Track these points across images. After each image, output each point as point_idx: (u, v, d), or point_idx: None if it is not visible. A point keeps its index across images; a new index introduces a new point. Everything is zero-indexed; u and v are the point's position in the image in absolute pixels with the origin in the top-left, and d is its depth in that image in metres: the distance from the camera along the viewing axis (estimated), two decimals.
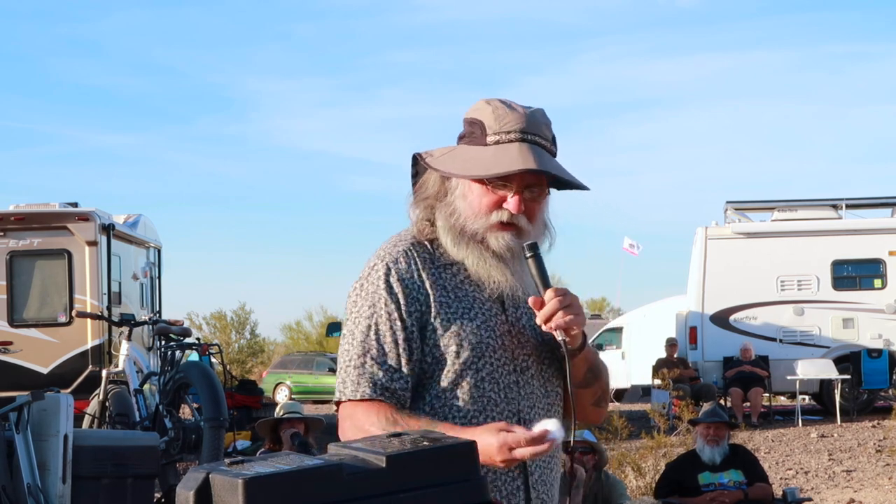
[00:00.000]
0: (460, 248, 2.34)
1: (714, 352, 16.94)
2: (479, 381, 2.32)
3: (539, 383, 2.39)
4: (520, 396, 2.35)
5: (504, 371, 2.34)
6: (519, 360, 2.37)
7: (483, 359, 2.32)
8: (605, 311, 35.89)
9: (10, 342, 13.67)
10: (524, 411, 2.35)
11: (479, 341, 2.32)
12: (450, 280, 2.36)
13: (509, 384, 2.34)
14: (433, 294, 2.33)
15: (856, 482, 10.98)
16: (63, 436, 6.26)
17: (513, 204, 2.33)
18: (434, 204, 2.39)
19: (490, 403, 2.32)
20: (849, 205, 17.78)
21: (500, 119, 2.35)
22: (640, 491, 9.17)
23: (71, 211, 13.91)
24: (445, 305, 2.33)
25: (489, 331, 2.34)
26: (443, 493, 1.84)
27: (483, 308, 2.36)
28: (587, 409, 2.47)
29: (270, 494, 1.73)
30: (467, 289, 2.36)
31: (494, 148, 2.32)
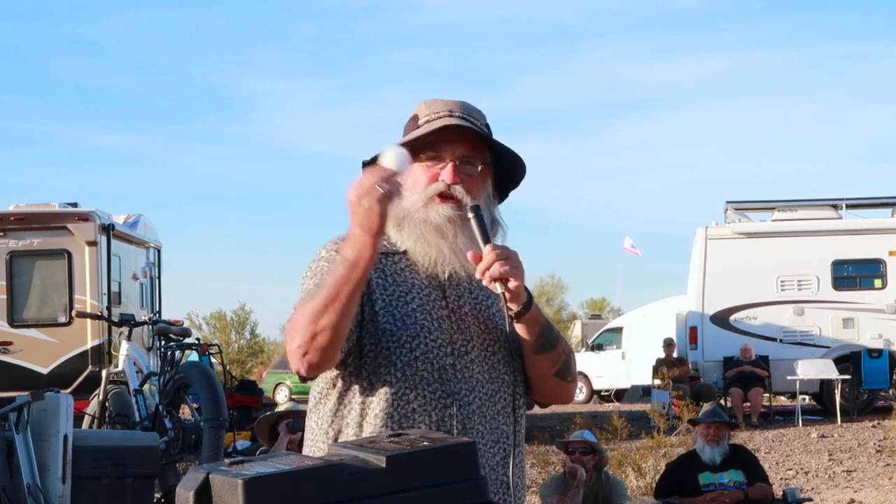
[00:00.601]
0: (402, 232, 2.44)
1: (714, 352, 16.93)
2: (413, 360, 2.38)
3: (482, 368, 2.42)
4: (456, 379, 2.39)
5: (440, 353, 2.39)
6: (457, 345, 2.41)
7: (417, 339, 2.39)
8: (605, 311, 35.90)
9: (9, 342, 13.66)
10: (461, 394, 2.39)
11: (413, 322, 2.40)
12: (391, 266, 2.46)
13: (444, 366, 2.39)
14: (374, 277, 2.41)
15: (856, 482, 10.98)
16: (63, 436, 6.27)
17: (447, 173, 2.43)
18: None
19: (423, 382, 2.37)
20: (849, 205, 17.78)
21: (430, 106, 2.49)
22: (641, 491, 9.17)
23: (71, 211, 13.91)
24: (383, 287, 2.42)
25: (425, 313, 2.41)
26: (443, 493, 1.84)
27: (422, 293, 2.44)
28: (548, 378, 2.50)
29: (270, 494, 1.73)
30: (407, 275, 2.45)
31: (425, 126, 2.45)
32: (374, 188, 2.22)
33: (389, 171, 2.26)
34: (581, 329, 31.29)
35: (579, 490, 6.78)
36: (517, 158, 2.50)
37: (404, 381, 2.38)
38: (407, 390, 2.38)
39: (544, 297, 33.72)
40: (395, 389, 2.38)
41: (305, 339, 2.27)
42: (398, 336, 2.39)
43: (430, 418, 2.37)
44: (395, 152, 2.29)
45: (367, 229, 2.24)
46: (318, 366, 2.31)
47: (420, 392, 2.38)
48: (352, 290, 2.26)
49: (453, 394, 2.39)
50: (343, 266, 2.26)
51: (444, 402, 2.38)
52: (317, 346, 2.27)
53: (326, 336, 2.26)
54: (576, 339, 31.21)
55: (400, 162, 2.28)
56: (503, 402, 2.46)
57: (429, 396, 2.38)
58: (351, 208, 2.26)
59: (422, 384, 2.38)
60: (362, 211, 2.23)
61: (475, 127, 2.45)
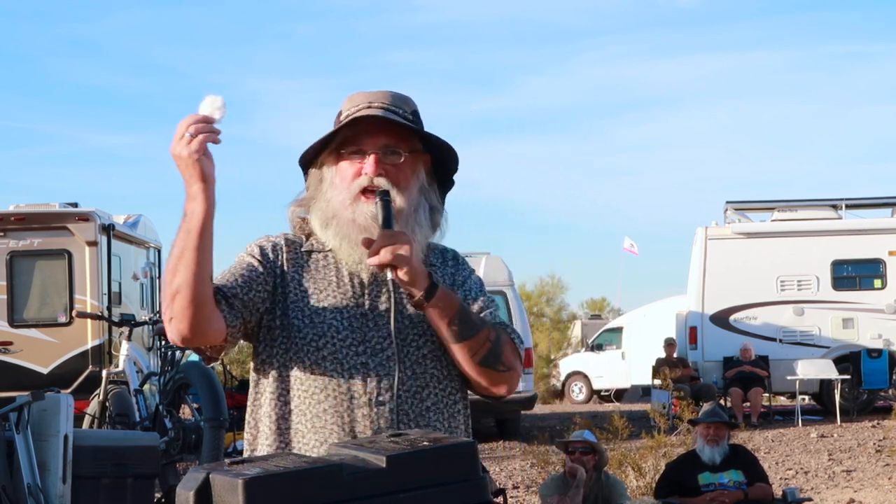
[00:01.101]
0: (328, 231, 2.43)
1: (714, 352, 16.93)
2: (320, 359, 2.37)
3: (402, 367, 2.37)
4: (369, 378, 2.36)
5: (350, 353, 2.37)
6: (372, 343, 2.38)
7: (323, 338, 2.37)
8: (605, 311, 35.87)
9: (10, 342, 13.66)
10: (376, 392, 2.35)
11: (321, 321, 2.38)
12: (312, 264, 2.46)
13: (356, 365, 2.36)
14: (289, 273, 2.43)
15: (856, 482, 10.98)
16: (63, 436, 6.26)
17: (368, 165, 2.40)
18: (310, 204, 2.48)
19: (332, 382, 2.35)
20: (849, 205, 17.77)
21: (352, 100, 2.48)
22: (641, 491, 9.16)
23: (71, 211, 13.91)
24: (298, 284, 2.42)
25: (336, 312, 2.39)
26: (443, 493, 1.84)
27: (337, 291, 2.42)
28: (475, 367, 2.40)
29: (270, 494, 1.73)
30: (326, 272, 2.44)
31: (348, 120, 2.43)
32: (185, 135, 2.21)
33: (201, 116, 2.24)
34: (581, 329, 31.28)
35: (579, 490, 6.78)
36: (444, 144, 2.49)
37: (314, 381, 2.37)
38: (317, 390, 2.37)
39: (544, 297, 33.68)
40: (305, 387, 2.37)
41: (168, 304, 2.27)
42: (304, 334, 2.38)
43: (342, 419, 2.34)
44: (209, 99, 2.26)
45: (189, 177, 2.22)
46: (189, 335, 2.29)
47: (330, 392, 2.36)
48: (195, 244, 2.23)
49: (367, 393, 2.36)
50: (183, 221, 2.25)
51: (356, 403, 2.35)
52: (178, 308, 2.25)
53: (184, 296, 2.24)
54: (576, 339, 31.22)
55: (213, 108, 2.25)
56: (432, 398, 2.41)
57: (340, 397, 2.35)
58: (175, 161, 2.23)
59: (331, 384, 2.36)
60: (180, 161, 2.22)
61: (391, 116, 2.41)
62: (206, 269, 2.26)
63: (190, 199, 2.23)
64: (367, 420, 2.34)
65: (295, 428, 2.38)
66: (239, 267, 2.44)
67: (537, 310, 32.59)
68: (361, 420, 2.34)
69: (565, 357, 28.55)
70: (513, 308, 14.84)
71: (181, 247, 2.24)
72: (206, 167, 2.22)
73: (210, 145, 2.23)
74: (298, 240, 2.50)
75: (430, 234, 2.50)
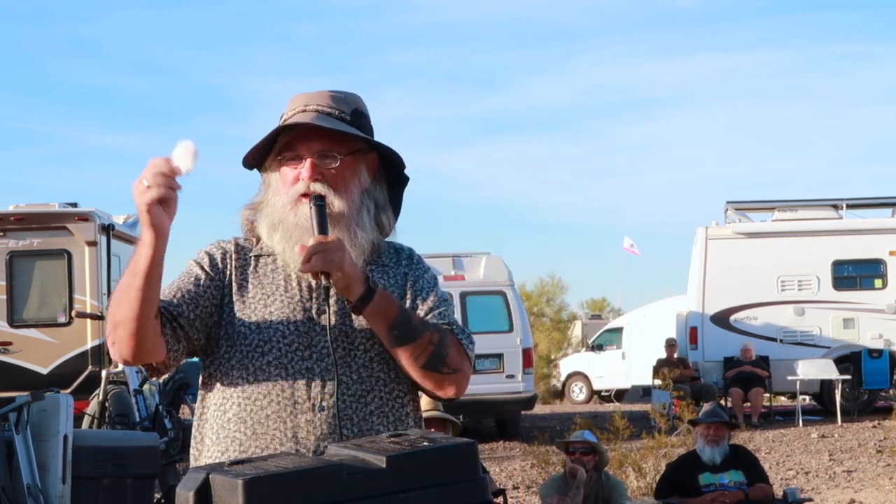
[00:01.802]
0: (274, 236, 2.42)
1: (714, 352, 16.92)
2: (265, 364, 2.35)
3: (347, 370, 2.36)
4: (314, 382, 2.34)
5: (296, 357, 2.35)
6: (318, 347, 2.36)
7: (269, 343, 2.36)
8: (605, 311, 35.88)
9: (9, 342, 13.65)
10: (319, 398, 2.33)
11: (267, 326, 2.37)
12: (259, 269, 2.45)
13: (301, 370, 2.34)
14: (235, 277, 2.42)
15: (856, 482, 10.98)
16: (63, 436, 6.26)
17: (304, 170, 2.39)
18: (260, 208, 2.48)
19: (276, 388, 2.33)
20: (849, 205, 17.77)
21: (293, 103, 2.47)
22: (641, 491, 9.16)
23: (71, 211, 13.90)
24: (245, 290, 2.41)
25: (283, 317, 2.38)
26: (443, 493, 1.83)
27: (285, 296, 2.41)
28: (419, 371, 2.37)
29: (270, 494, 1.72)
30: (273, 277, 2.43)
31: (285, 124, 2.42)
32: (140, 182, 2.19)
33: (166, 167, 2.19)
34: (581, 329, 31.29)
35: (579, 490, 6.78)
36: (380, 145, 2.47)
37: (256, 386, 2.34)
38: (260, 396, 2.34)
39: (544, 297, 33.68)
40: (247, 394, 2.35)
41: (110, 330, 2.29)
42: (250, 340, 2.36)
43: (284, 425, 2.32)
44: (182, 146, 2.22)
45: (142, 223, 2.21)
46: (131, 358, 2.30)
47: (274, 398, 2.33)
48: (140, 285, 2.23)
49: (311, 398, 2.33)
50: (132, 257, 2.26)
51: (300, 408, 2.32)
52: (119, 337, 2.27)
53: (125, 330, 2.25)
54: (576, 340, 31.22)
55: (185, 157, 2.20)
56: (377, 402, 2.38)
57: (283, 402, 2.33)
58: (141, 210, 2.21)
59: (275, 390, 2.34)
60: (136, 203, 2.21)
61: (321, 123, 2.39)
62: (147, 307, 2.25)
63: (140, 243, 2.24)
64: (309, 426, 2.31)
65: (233, 436, 2.35)
66: (187, 280, 2.42)
67: (537, 310, 32.59)
68: (304, 426, 2.32)
69: (565, 357, 28.57)
70: (513, 308, 14.84)
71: (127, 283, 2.25)
72: (157, 218, 2.19)
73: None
74: (248, 244, 2.49)
75: (377, 234, 2.48)
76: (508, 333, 14.71)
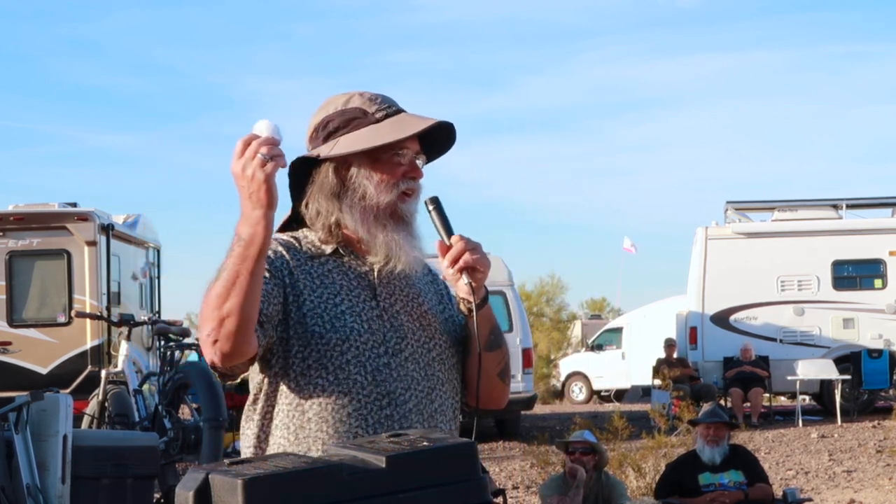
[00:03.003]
0: (374, 228, 2.39)
1: (714, 352, 16.93)
2: (344, 363, 2.35)
3: (416, 367, 2.40)
4: (391, 378, 2.37)
5: (372, 354, 2.37)
6: (391, 344, 2.39)
7: (348, 342, 2.36)
8: (605, 311, 35.88)
9: (9, 342, 13.66)
10: (396, 393, 2.37)
11: (342, 325, 2.36)
12: (316, 269, 2.42)
13: (378, 367, 2.36)
14: (300, 279, 2.39)
15: (856, 482, 10.98)
16: (62, 436, 6.26)
17: (417, 170, 2.44)
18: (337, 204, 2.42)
19: (356, 385, 2.34)
20: (849, 205, 17.77)
21: (374, 100, 2.46)
22: (641, 491, 9.16)
23: (70, 211, 13.90)
24: (311, 290, 2.39)
25: (355, 315, 2.38)
26: (443, 493, 1.83)
27: (351, 295, 2.41)
28: (493, 379, 2.47)
29: (270, 495, 1.72)
30: (335, 277, 2.42)
31: (388, 120, 2.43)
32: (256, 156, 2.16)
33: (269, 138, 2.19)
34: (581, 329, 31.29)
35: (579, 490, 6.78)
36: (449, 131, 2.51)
37: (337, 385, 2.34)
38: (341, 394, 2.34)
39: (544, 297, 33.68)
40: (328, 393, 2.34)
41: (214, 327, 2.20)
42: (327, 339, 2.35)
43: (366, 422, 2.34)
44: (267, 123, 2.22)
45: (256, 201, 2.16)
46: (230, 354, 2.23)
47: (354, 395, 2.35)
48: (251, 269, 2.18)
49: (389, 394, 2.36)
50: (238, 245, 2.18)
51: (379, 404, 2.35)
52: (225, 332, 2.20)
53: (234, 321, 2.19)
54: (576, 340, 31.22)
55: (274, 130, 2.21)
56: (440, 399, 2.43)
57: (363, 399, 2.35)
58: (237, 181, 2.18)
59: (355, 387, 2.35)
60: (248, 182, 2.16)
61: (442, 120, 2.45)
62: (258, 293, 2.22)
63: (251, 223, 2.17)
64: (388, 421, 2.35)
65: (314, 436, 2.35)
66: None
67: (537, 310, 32.60)
68: (384, 422, 2.35)
69: (565, 357, 28.57)
70: (513, 308, 14.85)
71: (235, 271, 2.18)
72: (275, 190, 2.19)
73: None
74: (295, 244, 2.45)
75: None
76: (508, 333, 14.69)
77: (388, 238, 2.39)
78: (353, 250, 2.45)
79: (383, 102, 2.45)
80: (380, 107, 2.44)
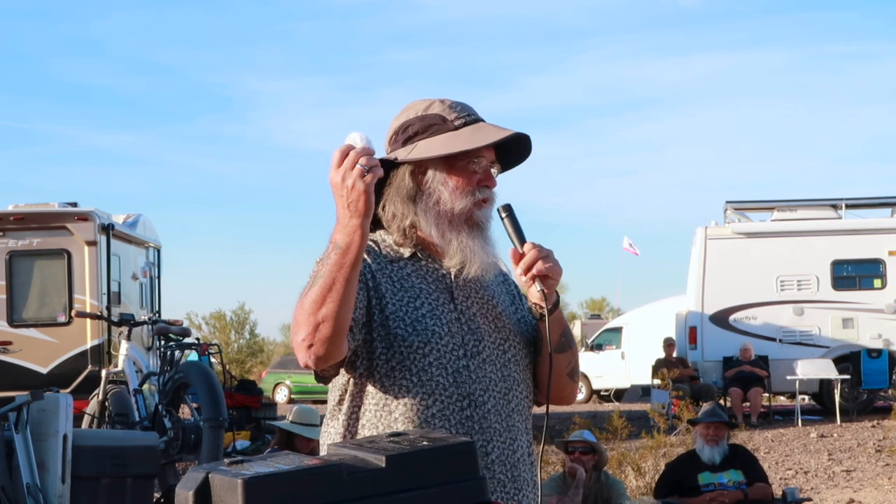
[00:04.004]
0: (449, 233, 2.44)
1: (714, 352, 16.94)
2: (427, 365, 2.39)
3: (493, 368, 2.45)
4: (471, 380, 2.41)
5: (453, 356, 2.41)
6: (469, 346, 2.43)
7: (429, 344, 2.39)
8: (605, 311, 35.91)
9: (9, 342, 13.66)
10: (476, 394, 2.41)
11: (424, 328, 2.40)
12: (396, 273, 2.45)
13: (458, 369, 2.41)
14: (381, 283, 2.42)
15: (855, 482, 10.98)
16: (62, 436, 6.26)
17: (491, 178, 2.48)
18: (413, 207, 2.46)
19: (439, 387, 2.39)
20: (849, 205, 17.78)
21: (454, 108, 2.50)
22: (640, 491, 9.17)
23: (70, 211, 13.90)
24: (392, 293, 2.42)
25: (435, 318, 2.42)
26: (443, 493, 1.83)
27: (430, 298, 2.45)
28: (563, 378, 2.54)
29: (270, 494, 1.72)
30: (414, 280, 2.46)
31: (466, 129, 2.47)
32: (356, 166, 2.21)
33: (366, 148, 2.24)
34: (581, 329, 31.30)
35: (579, 490, 6.78)
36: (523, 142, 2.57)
37: (421, 387, 2.39)
38: (425, 395, 2.39)
39: None
40: (412, 395, 2.39)
41: (309, 332, 2.25)
42: (410, 342, 2.39)
43: (448, 422, 2.38)
44: (360, 135, 2.27)
45: (354, 210, 2.22)
46: (324, 357, 2.28)
47: (437, 397, 2.39)
48: (347, 277, 2.24)
49: (469, 395, 2.41)
50: (335, 253, 2.24)
51: (460, 405, 2.40)
52: (320, 337, 2.25)
53: (329, 326, 2.24)
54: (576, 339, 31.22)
55: (367, 142, 2.26)
56: (516, 399, 2.48)
57: (446, 401, 2.39)
58: (335, 191, 2.23)
59: (438, 389, 2.39)
60: (347, 192, 2.22)
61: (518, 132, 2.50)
62: (352, 300, 2.28)
63: (349, 231, 2.23)
64: (469, 422, 2.40)
65: None
66: None
67: None
68: (465, 422, 2.40)
69: None
70: None
71: (332, 278, 2.24)
72: (372, 201, 2.24)
73: None
74: (375, 248, 2.48)
75: None
76: None
77: (462, 244, 2.44)
78: (430, 253, 2.49)
79: (463, 111, 2.49)
80: (459, 115, 2.48)
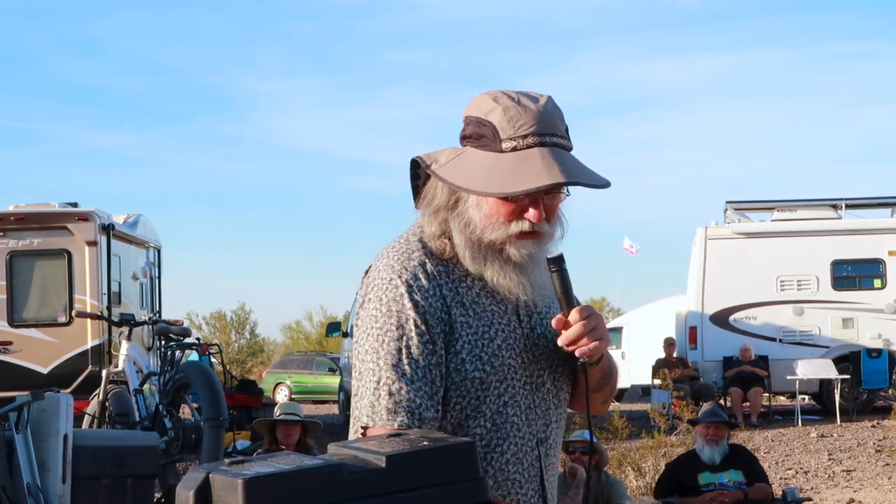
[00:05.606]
0: (478, 262, 2.14)
1: (714, 352, 16.94)
2: (502, 406, 2.15)
3: (552, 396, 2.23)
4: (537, 416, 2.20)
5: (524, 392, 2.18)
6: (534, 377, 2.20)
7: (505, 382, 2.15)
8: (605, 311, 35.89)
9: (9, 342, 13.66)
10: (541, 431, 2.21)
11: (500, 363, 2.15)
12: (466, 294, 2.16)
13: (529, 405, 2.18)
14: (454, 312, 2.13)
15: (855, 482, 10.99)
16: (63, 436, 6.26)
17: (534, 214, 2.12)
18: (446, 216, 2.17)
19: (513, 428, 2.16)
20: (849, 205, 17.78)
21: (513, 121, 2.10)
22: (640, 491, 9.17)
23: (71, 211, 13.91)
24: (466, 325, 2.14)
25: (509, 350, 2.16)
26: (443, 493, 1.83)
27: (502, 324, 2.17)
28: (596, 405, 2.31)
29: (270, 494, 1.73)
30: (484, 303, 2.17)
31: (512, 156, 2.09)
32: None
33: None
34: None
35: (579, 490, 6.78)
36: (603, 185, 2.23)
37: (496, 431, 2.14)
38: (499, 440, 2.15)
39: None
40: (486, 441, 2.14)
41: None
42: (488, 383, 2.13)
43: (521, 465, 2.17)
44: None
45: None
46: None
47: (512, 441, 2.16)
48: None
49: (537, 433, 2.20)
50: None
51: (531, 445, 2.18)
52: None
53: None
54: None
55: None
56: (561, 424, 2.30)
57: (520, 443, 2.16)
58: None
59: (513, 431, 2.16)
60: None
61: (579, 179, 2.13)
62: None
63: None
64: (537, 462, 2.19)
65: None
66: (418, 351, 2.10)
67: None
68: (534, 462, 2.18)
69: None
70: None
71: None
72: None
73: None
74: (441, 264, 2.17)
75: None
76: None
77: (495, 279, 2.15)
78: None
79: (522, 127, 2.09)
80: (515, 133, 2.08)
